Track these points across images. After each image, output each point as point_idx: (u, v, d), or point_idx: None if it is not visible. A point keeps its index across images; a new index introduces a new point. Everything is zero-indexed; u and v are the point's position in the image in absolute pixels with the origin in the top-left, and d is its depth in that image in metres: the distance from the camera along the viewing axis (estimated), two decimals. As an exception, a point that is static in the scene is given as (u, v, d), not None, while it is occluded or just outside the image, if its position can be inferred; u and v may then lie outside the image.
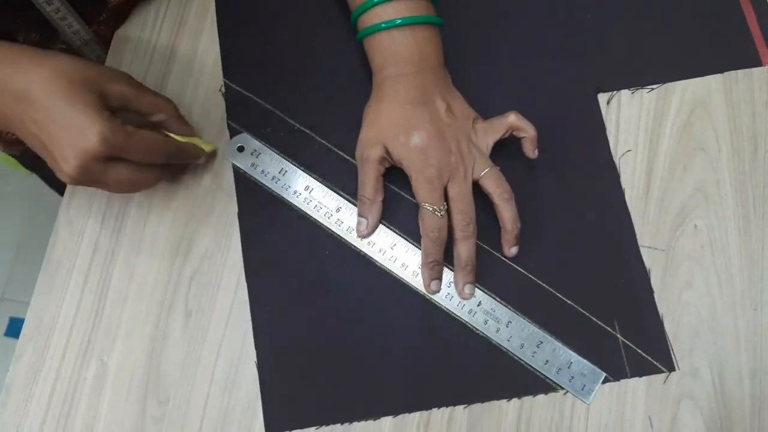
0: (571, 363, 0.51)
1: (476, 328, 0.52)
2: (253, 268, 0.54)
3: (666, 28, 0.58)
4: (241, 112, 0.57)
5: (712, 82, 0.57)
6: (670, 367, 0.51)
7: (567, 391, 0.51)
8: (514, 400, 0.51)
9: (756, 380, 0.51)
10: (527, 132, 0.52)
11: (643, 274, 0.53)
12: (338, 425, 0.51)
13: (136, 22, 0.60)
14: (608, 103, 0.57)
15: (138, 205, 0.55)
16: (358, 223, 0.53)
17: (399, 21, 0.50)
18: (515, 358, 0.51)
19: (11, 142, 0.65)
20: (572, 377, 0.51)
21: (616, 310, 0.52)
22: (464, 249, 0.51)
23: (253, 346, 0.52)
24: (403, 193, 0.54)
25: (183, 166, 0.55)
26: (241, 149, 0.56)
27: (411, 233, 0.54)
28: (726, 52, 0.58)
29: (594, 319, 0.52)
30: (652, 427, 0.50)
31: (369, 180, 0.52)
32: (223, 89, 0.58)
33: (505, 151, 0.53)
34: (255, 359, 0.52)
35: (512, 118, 0.52)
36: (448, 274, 0.52)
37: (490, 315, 0.52)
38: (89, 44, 0.59)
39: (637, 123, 0.56)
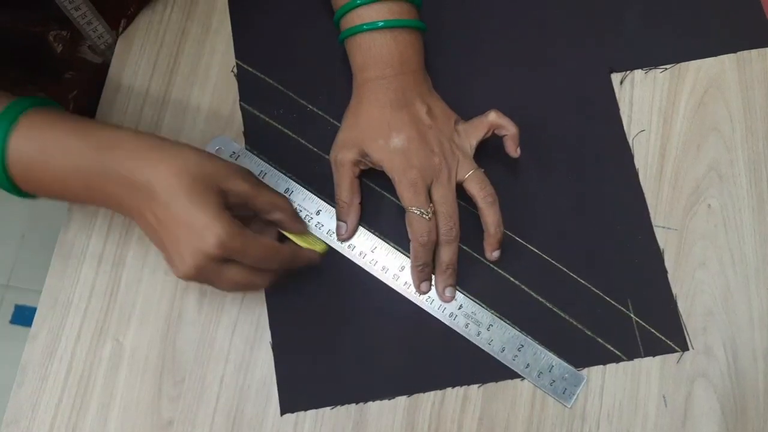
0: (552, 366, 0.50)
1: (457, 332, 0.51)
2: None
3: (679, 8, 0.58)
4: (254, 93, 0.57)
5: (726, 61, 0.57)
6: (684, 347, 0.51)
7: (581, 370, 0.51)
8: (528, 380, 0.51)
9: (770, 359, 0.51)
10: (508, 130, 0.51)
11: (657, 254, 0.53)
12: (353, 405, 0.51)
13: (146, 4, 0.59)
14: (621, 83, 0.57)
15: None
16: (338, 226, 0.53)
17: (381, 24, 0.49)
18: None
19: None
20: (553, 381, 0.50)
21: (629, 290, 0.52)
22: (446, 253, 0.51)
23: (268, 327, 0.52)
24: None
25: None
26: (219, 152, 0.55)
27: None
28: (739, 32, 0.57)
29: (608, 298, 0.52)
30: (666, 405, 0.50)
31: (344, 183, 0.52)
32: (235, 70, 0.57)
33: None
34: (270, 339, 0.52)
35: (492, 117, 0.51)
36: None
37: (470, 318, 0.51)
38: (112, 47, 0.58)
39: (651, 103, 0.56)
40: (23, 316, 1.32)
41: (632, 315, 0.52)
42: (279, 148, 0.56)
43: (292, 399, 0.51)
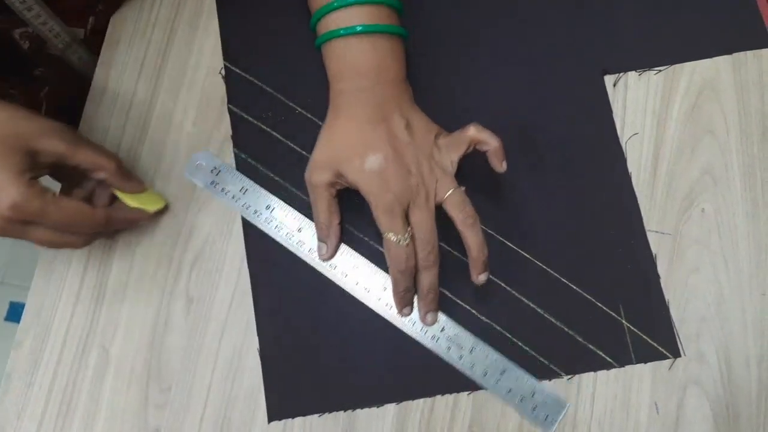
0: (534, 392, 0.49)
1: (439, 356, 0.50)
2: (256, 253, 0.53)
3: (674, 9, 0.57)
4: (242, 95, 0.56)
5: (721, 63, 0.56)
6: (676, 353, 0.51)
7: (571, 377, 0.50)
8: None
9: (763, 366, 0.50)
10: (489, 144, 0.49)
11: (650, 259, 0.52)
12: (341, 412, 0.50)
13: (133, 4, 0.58)
14: (615, 85, 0.56)
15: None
16: (319, 247, 0.52)
17: (360, 28, 0.47)
18: (518, 344, 0.51)
19: None
20: (535, 407, 0.49)
21: (621, 296, 0.52)
22: (426, 278, 0.49)
23: (256, 334, 0.51)
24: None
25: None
26: (200, 167, 0.54)
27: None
28: (735, 33, 0.57)
29: (599, 304, 0.52)
30: (658, 413, 0.50)
31: (321, 205, 0.50)
32: (223, 72, 0.57)
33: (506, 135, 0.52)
34: (257, 346, 0.51)
35: (471, 131, 0.49)
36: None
37: (452, 342, 0.50)
38: (71, 46, 0.57)
39: (644, 105, 0.55)
40: (18, 313, 1.32)
41: (624, 321, 0.51)
42: (267, 151, 0.55)
43: (280, 406, 0.51)
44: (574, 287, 0.52)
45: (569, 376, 0.50)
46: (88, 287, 0.52)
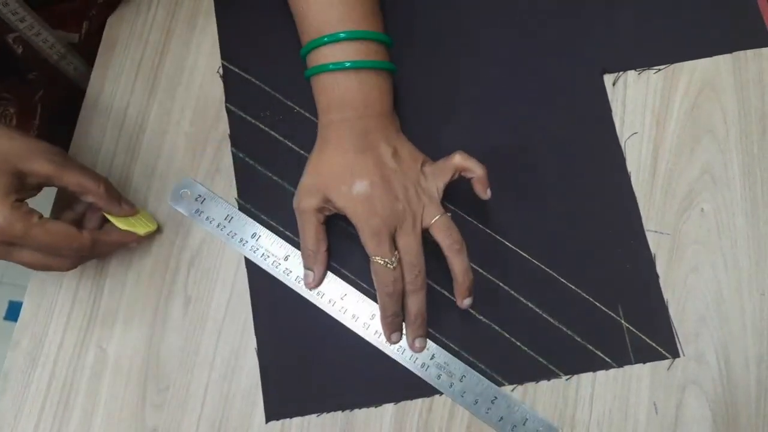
0: (527, 420, 0.49)
1: (429, 384, 0.50)
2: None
3: (673, 7, 0.57)
4: (240, 94, 0.56)
5: (721, 62, 0.56)
6: (675, 353, 0.50)
7: (570, 377, 0.50)
8: (517, 387, 0.50)
9: (762, 366, 0.50)
10: (474, 172, 0.49)
11: (649, 259, 0.52)
12: (339, 412, 0.50)
13: (130, 4, 0.58)
14: (614, 84, 0.56)
15: (135, 190, 0.54)
16: (305, 275, 0.52)
17: (348, 64, 0.48)
18: (516, 344, 0.51)
19: None
20: None
21: (620, 296, 0.52)
22: (413, 303, 0.49)
23: (253, 333, 0.51)
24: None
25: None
26: (184, 195, 0.54)
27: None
28: (735, 32, 0.56)
29: (598, 304, 0.52)
30: (657, 413, 0.50)
31: (308, 231, 0.50)
32: (221, 71, 0.56)
33: (511, 131, 0.52)
34: (255, 346, 0.51)
35: (457, 159, 0.49)
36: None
37: (443, 369, 0.50)
38: (66, 57, 0.57)
39: (644, 105, 0.55)
40: (17, 312, 1.32)
41: (623, 321, 0.51)
42: (265, 150, 0.55)
43: (278, 406, 0.50)
44: (573, 287, 0.52)
45: (568, 377, 0.50)
46: (85, 287, 0.52)
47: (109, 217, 0.49)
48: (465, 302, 0.50)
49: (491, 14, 0.57)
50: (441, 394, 0.50)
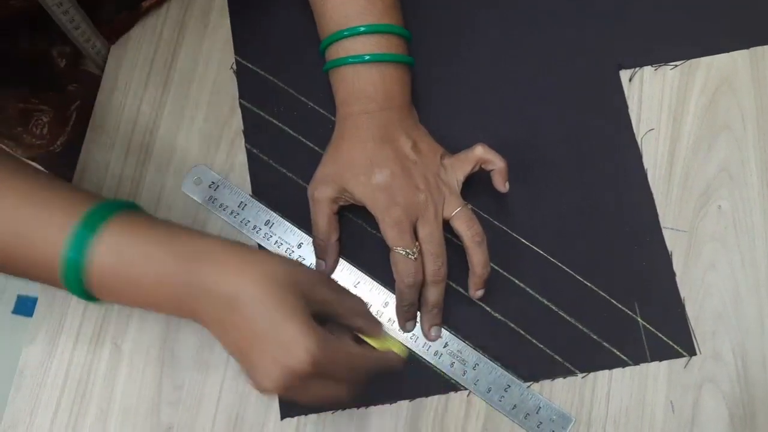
0: (540, 408, 0.49)
1: (442, 372, 0.50)
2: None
3: (690, 2, 0.57)
4: (253, 90, 0.56)
5: (738, 58, 0.55)
6: (692, 351, 0.50)
7: (586, 375, 0.50)
8: (534, 385, 0.50)
9: (780, 364, 0.50)
10: (495, 164, 0.49)
11: (665, 256, 0.52)
12: (354, 409, 0.50)
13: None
14: (630, 80, 0.55)
15: (148, 188, 0.54)
16: (317, 264, 0.51)
17: (368, 57, 0.48)
18: (532, 341, 0.50)
19: (30, 146, 0.63)
20: (540, 423, 0.49)
21: (636, 293, 0.51)
22: (433, 293, 0.49)
23: (269, 330, 0.51)
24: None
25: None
26: (198, 182, 0.53)
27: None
28: (752, 27, 0.56)
29: (614, 301, 0.51)
30: (674, 411, 0.49)
31: (321, 221, 0.50)
32: (234, 67, 0.56)
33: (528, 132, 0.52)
34: (270, 343, 0.51)
35: (479, 151, 0.49)
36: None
37: (456, 357, 0.50)
38: (101, 52, 0.57)
39: (660, 101, 0.55)
40: (25, 306, 1.32)
41: (639, 319, 0.51)
42: (279, 146, 0.55)
43: (293, 403, 0.50)
44: (589, 284, 0.52)
45: (584, 374, 0.50)
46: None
47: (368, 340, 0.46)
48: (477, 293, 0.50)
49: (507, 9, 0.57)
50: (456, 390, 0.50)
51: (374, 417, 0.50)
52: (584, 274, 0.52)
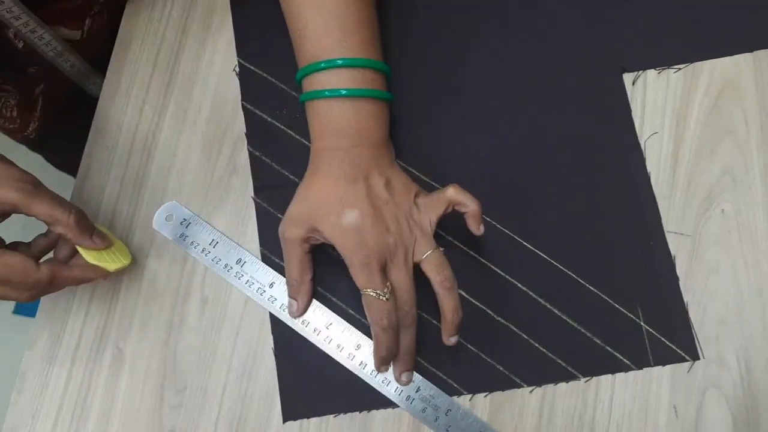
0: None
1: (413, 417, 0.49)
2: (271, 251, 0.53)
3: (693, 5, 0.56)
4: (256, 92, 0.56)
5: (742, 61, 0.55)
6: (695, 356, 0.50)
7: (589, 379, 0.50)
8: (536, 389, 0.50)
9: (783, 369, 0.50)
10: (468, 207, 0.47)
11: (669, 260, 0.52)
12: (357, 413, 0.50)
13: (146, 2, 0.58)
14: (633, 83, 0.55)
15: (152, 189, 0.54)
16: (289, 304, 0.51)
17: (344, 92, 0.47)
18: (535, 345, 0.50)
19: (4, 130, 0.63)
20: None
21: (639, 297, 0.51)
22: (403, 339, 0.48)
23: (270, 333, 0.51)
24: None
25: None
26: (169, 219, 0.53)
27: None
28: (756, 30, 0.56)
29: (617, 306, 0.51)
30: (677, 416, 0.49)
31: (293, 261, 0.49)
32: (237, 69, 0.56)
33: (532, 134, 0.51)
34: (272, 346, 0.51)
35: (450, 192, 0.48)
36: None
37: (428, 402, 0.49)
38: (63, 54, 0.57)
39: (664, 104, 0.55)
40: (26, 306, 1.32)
41: (642, 323, 0.51)
42: (282, 149, 0.55)
43: (295, 406, 0.50)
44: (592, 288, 0.51)
45: (587, 378, 0.50)
46: (102, 286, 0.52)
47: (79, 249, 0.46)
48: (451, 340, 0.48)
49: (510, 13, 0.57)
50: (461, 395, 0.50)
51: (377, 421, 0.50)
52: (587, 278, 0.52)
